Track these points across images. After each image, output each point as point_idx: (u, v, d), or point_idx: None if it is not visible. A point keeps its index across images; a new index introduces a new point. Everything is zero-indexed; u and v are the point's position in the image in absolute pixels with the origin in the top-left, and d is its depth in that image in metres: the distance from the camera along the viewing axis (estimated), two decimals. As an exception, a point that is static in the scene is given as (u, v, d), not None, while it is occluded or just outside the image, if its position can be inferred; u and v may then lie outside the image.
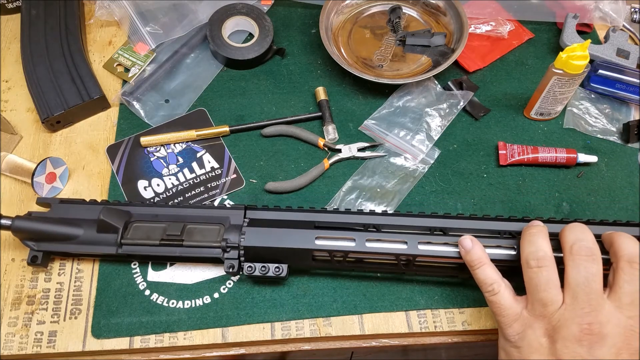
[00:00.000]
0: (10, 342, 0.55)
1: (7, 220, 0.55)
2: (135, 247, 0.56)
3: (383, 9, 0.82)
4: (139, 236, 0.56)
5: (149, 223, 0.57)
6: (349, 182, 0.66)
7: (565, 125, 0.72)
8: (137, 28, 0.76)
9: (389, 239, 0.53)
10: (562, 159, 0.67)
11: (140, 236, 0.56)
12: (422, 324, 0.57)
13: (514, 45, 0.80)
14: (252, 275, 0.55)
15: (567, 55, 0.62)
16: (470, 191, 0.66)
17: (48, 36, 0.73)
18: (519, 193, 0.66)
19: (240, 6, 0.78)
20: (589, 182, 0.67)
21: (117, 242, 0.56)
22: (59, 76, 0.70)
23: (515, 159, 0.67)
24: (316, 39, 0.76)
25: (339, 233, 0.54)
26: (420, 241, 0.53)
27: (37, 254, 0.57)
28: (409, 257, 0.53)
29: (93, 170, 0.67)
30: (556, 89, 0.67)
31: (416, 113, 0.72)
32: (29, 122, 0.70)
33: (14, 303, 0.57)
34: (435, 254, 0.53)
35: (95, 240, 0.57)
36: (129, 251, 0.56)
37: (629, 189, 0.67)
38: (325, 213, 0.57)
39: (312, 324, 0.57)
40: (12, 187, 0.65)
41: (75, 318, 0.57)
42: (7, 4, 0.80)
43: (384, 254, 0.53)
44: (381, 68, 0.76)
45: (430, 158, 0.68)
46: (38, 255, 0.57)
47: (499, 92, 0.75)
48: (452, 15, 0.78)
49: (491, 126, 0.72)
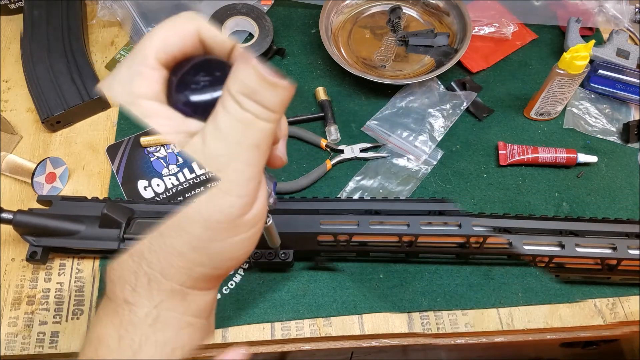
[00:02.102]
0: (12, 343, 0.55)
1: (9, 214, 0.55)
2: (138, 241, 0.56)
3: (383, 9, 0.81)
4: (141, 232, 0.56)
5: (152, 220, 0.57)
6: (351, 183, 0.66)
7: (565, 125, 0.71)
8: (139, 28, 0.76)
9: (392, 220, 0.55)
10: (562, 159, 0.66)
11: (143, 232, 0.56)
12: (424, 325, 0.57)
13: (517, 46, 0.79)
14: (259, 262, 0.55)
15: (571, 55, 0.62)
16: (471, 191, 0.66)
17: (50, 36, 0.73)
18: (519, 193, 0.66)
19: (240, 6, 0.78)
20: (589, 182, 0.67)
21: (120, 237, 0.56)
22: (59, 76, 0.69)
23: (515, 159, 0.67)
24: (316, 39, 0.76)
25: (343, 217, 0.56)
26: (422, 222, 0.55)
27: (36, 250, 0.57)
28: (412, 238, 0.55)
29: (93, 170, 0.66)
30: (556, 89, 0.66)
31: (419, 114, 0.71)
32: (29, 122, 0.70)
33: (14, 303, 0.57)
34: (436, 233, 0.55)
35: (97, 236, 0.56)
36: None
37: (629, 189, 0.66)
38: (328, 201, 0.59)
39: (312, 324, 0.57)
40: (12, 187, 0.65)
41: (77, 318, 0.56)
42: (10, 4, 0.80)
43: (387, 235, 0.55)
44: (384, 68, 0.75)
45: (433, 159, 0.68)
46: (37, 250, 0.57)
47: (503, 92, 0.75)
48: (455, 15, 0.78)
49: (492, 126, 0.72)
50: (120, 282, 0.28)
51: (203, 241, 0.27)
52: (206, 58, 0.27)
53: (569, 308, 0.58)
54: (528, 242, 0.55)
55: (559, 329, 0.58)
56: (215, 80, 0.26)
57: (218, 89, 0.26)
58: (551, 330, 0.58)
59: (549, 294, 0.58)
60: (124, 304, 0.28)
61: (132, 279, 0.28)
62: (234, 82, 0.25)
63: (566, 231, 0.57)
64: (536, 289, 0.59)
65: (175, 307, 0.28)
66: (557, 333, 0.59)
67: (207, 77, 0.26)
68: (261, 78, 0.24)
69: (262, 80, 0.24)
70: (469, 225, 0.55)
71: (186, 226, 0.26)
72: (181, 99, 0.26)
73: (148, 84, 0.26)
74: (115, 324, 0.28)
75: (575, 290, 0.59)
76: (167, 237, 0.27)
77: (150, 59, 0.26)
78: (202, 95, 0.26)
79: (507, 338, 0.58)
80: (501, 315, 0.58)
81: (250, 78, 0.24)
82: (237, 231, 0.27)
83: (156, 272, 0.28)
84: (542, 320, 0.57)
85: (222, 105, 0.25)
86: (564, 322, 0.57)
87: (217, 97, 0.26)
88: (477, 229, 0.55)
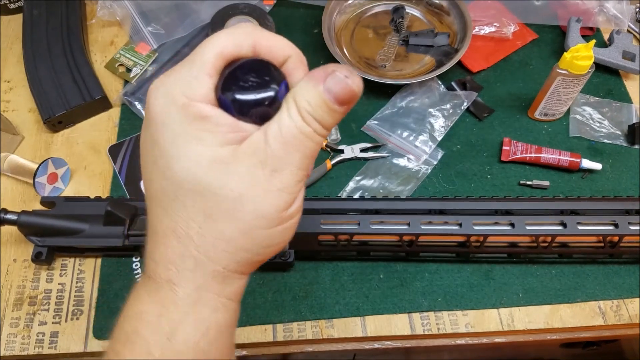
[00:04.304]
0: (12, 343, 0.55)
1: (13, 215, 0.55)
2: (142, 237, 0.56)
3: (386, 9, 0.81)
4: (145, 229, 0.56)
5: None
6: (351, 183, 0.66)
7: (572, 134, 0.71)
8: (139, 28, 0.76)
9: (392, 220, 0.55)
10: (565, 162, 0.66)
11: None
12: (425, 325, 0.57)
13: (518, 45, 0.79)
14: None
15: (572, 55, 0.62)
16: (474, 192, 0.66)
17: (50, 36, 0.73)
18: (523, 194, 0.66)
19: (242, 6, 0.77)
20: (593, 184, 0.67)
21: (124, 234, 0.56)
22: (60, 76, 0.69)
23: (517, 156, 0.67)
24: (319, 39, 0.76)
25: (343, 217, 0.56)
26: (422, 221, 0.55)
27: (41, 250, 0.57)
28: (412, 237, 0.55)
29: (95, 171, 0.66)
30: (560, 89, 0.66)
31: (419, 113, 0.71)
32: (30, 122, 0.70)
33: (16, 304, 0.57)
34: (436, 232, 0.55)
35: (101, 234, 0.57)
36: (135, 242, 0.56)
37: (633, 191, 0.66)
38: (328, 201, 0.59)
39: (314, 326, 0.57)
40: (13, 187, 0.65)
41: (77, 319, 0.57)
42: (9, 4, 0.80)
43: (388, 235, 0.55)
44: (384, 68, 0.75)
45: (434, 159, 0.68)
46: (42, 251, 0.57)
47: (503, 92, 0.75)
48: (456, 15, 0.78)
49: (495, 127, 0.72)
50: (164, 262, 0.30)
51: (251, 228, 0.29)
52: (256, 59, 0.29)
53: (570, 308, 0.58)
54: (530, 223, 0.56)
55: (560, 330, 0.58)
56: (264, 82, 0.28)
57: (266, 90, 0.28)
58: (552, 330, 0.58)
59: (549, 294, 0.59)
60: (165, 284, 0.30)
61: (178, 261, 0.29)
62: (300, 96, 0.28)
63: (567, 210, 0.57)
64: (537, 289, 0.59)
65: (213, 288, 0.30)
66: (558, 333, 0.59)
67: (256, 79, 0.28)
68: (325, 103, 0.27)
69: (325, 105, 0.27)
70: (469, 224, 0.55)
71: (239, 214, 0.28)
72: (229, 96, 0.28)
73: (205, 89, 0.28)
74: (155, 302, 0.30)
75: (578, 292, 0.59)
76: (218, 222, 0.29)
77: (208, 65, 0.28)
78: (250, 95, 0.28)
79: (508, 338, 0.58)
80: (502, 316, 0.58)
81: (315, 100, 0.27)
82: (281, 221, 0.30)
83: (202, 255, 0.29)
84: (543, 320, 0.57)
85: (288, 113, 0.28)
86: (565, 323, 0.57)
87: (264, 98, 0.28)
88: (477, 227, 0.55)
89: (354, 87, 0.27)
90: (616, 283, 0.59)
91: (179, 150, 0.28)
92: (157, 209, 0.30)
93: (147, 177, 0.30)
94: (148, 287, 0.31)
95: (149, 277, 0.31)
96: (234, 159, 0.28)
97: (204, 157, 0.27)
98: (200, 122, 0.27)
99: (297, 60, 0.30)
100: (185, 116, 0.27)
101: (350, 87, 0.27)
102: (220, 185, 0.28)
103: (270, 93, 0.28)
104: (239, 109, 0.28)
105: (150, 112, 0.28)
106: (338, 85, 0.27)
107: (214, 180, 0.28)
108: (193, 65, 0.28)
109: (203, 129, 0.27)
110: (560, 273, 0.60)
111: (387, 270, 0.60)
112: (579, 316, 0.58)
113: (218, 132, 0.27)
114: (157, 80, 0.29)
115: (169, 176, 0.28)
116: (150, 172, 0.30)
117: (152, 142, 0.28)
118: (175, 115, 0.27)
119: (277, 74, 0.29)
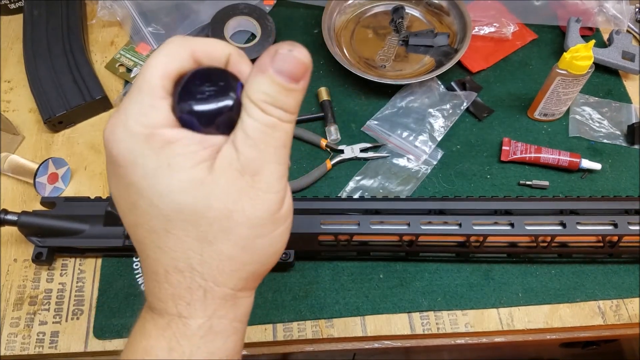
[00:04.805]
0: (12, 343, 0.55)
1: (14, 215, 0.55)
2: None
3: (386, 9, 0.81)
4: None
5: None
6: (351, 183, 0.66)
7: (571, 134, 0.71)
8: (139, 28, 0.76)
9: (392, 220, 0.55)
10: (565, 162, 0.66)
11: None
12: (424, 325, 0.57)
13: (517, 45, 0.79)
14: None
15: (571, 55, 0.62)
16: (474, 192, 0.66)
17: (50, 36, 0.73)
18: (523, 194, 0.66)
19: (243, 6, 0.78)
20: (593, 184, 0.67)
21: (125, 234, 0.56)
22: (61, 77, 0.70)
23: (517, 156, 0.67)
24: (319, 39, 0.76)
25: (343, 217, 0.56)
26: (422, 221, 0.55)
27: (41, 250, 0.57)
28: (412, 237, 0.55)
29: (95, 171, 0.67)
30: (560, 90, 0.66)
31: (419, 114, 0.71)
32: (31, 122, 0.70)
33: (16, 303, 0.57)
34: (436, 232, 0.55)
35: (101, 234, 0.57)
36: None
37: (632, 191, 0.66)
38: (328, 201, 0.59)
39: (314, 326, 0.57)
40: (14, 187, 0.65)
41: (77, 319, 0.57)
42: (10, 4, 0.80)
43: (387, 235, 0.55)
44: (384, 68, 0.75)
45: (433, 159, 0.68)
46: (43, 251, 0.57)
47: (503, 92, 0.75)
48: (455, 15, 0.78)
49: (495, 127, 0.72)
50: (172, 299, 0.29)
51: (249, 239, 0.28)
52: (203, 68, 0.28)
53: (569, 308, 0.58)
54: (530, 223, 0.56)
55: (559, 329, 0.58)
56: (220, 89, 0.27)
57: (224, 96, 0.27)
58: (551, 330, 0.58)
59: (549, 294, 0.59)
60: (177, 318, 0.29)
61: (187, 295, 0.28)
62: (253, 91, 0.26)
63: (567, 210, 0.57)
64: (536, 289, 0.59)
65: (226, 314, 0.29)
66: (557, 333, 0.59)
67: (211, 87, 0.27)
68: (279, 86, 0.26)
69: (281, 88, 0.26)
70: (469, 224, 0.55)
71: (233, 229, 0.27)
72: (185, 109, 0.27)
73: (163, 114, 0.27)
74: (166, 337, 0.29)
75: (578, 292, 0.59)
76: (216, 244, 0.28)
77: (157, 89, 0.27)
78: (210, 104, 0.27)
79: (507, 338, 0.58)
80: (501, 315, 0.58)
81: (269, 87, 0.26)
82: (276, 225, 0.29)
83: (210, 282, 0.28)
84: (542, 320, 0.58)
85: (247, 113, 0.26)
86: (564, 322, 0.58)
87: (225, 105, 0.27)
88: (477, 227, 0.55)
89: (301, 58, 0.27)
90: (616, 283, 0.60)
91: (157, 184, 0.26)
92: (151, 250, 0.28)
93: (132, 224, 0.29)
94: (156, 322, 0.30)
95: (157, 314, 0.30)
96: (212, 176, 0.26)
97: (183, 183, 0.26)
98: (169, 148, 0.26)
99: (238, 56, 0.29)
100: (152, 148, 0.26)
101: (298, 58, 0.26)
102: (206, 206, 0.26)
103: (229, 99, 0.27)
104: (203, 122, 0.27)
105: (115, 156, 0.27)
106: (286, 62, 0.26)
107: (198, 203, 0.26)
108: (142, 94, 0.27)
109: (174, 154, 0.26)
110: (559, 273, 0.60)
111: (387, 270, 0.60)
112: (578, 316, 0.58)
113: (189, 153, 0.26)
114: (109, 124, 0.27)
115: (155, 214, 0.27)
116: (134, 218, 0.28)
117: (125, 186, 0.27)
118: (141, 151, 0.26)
119: (229, 77, 0.28)
